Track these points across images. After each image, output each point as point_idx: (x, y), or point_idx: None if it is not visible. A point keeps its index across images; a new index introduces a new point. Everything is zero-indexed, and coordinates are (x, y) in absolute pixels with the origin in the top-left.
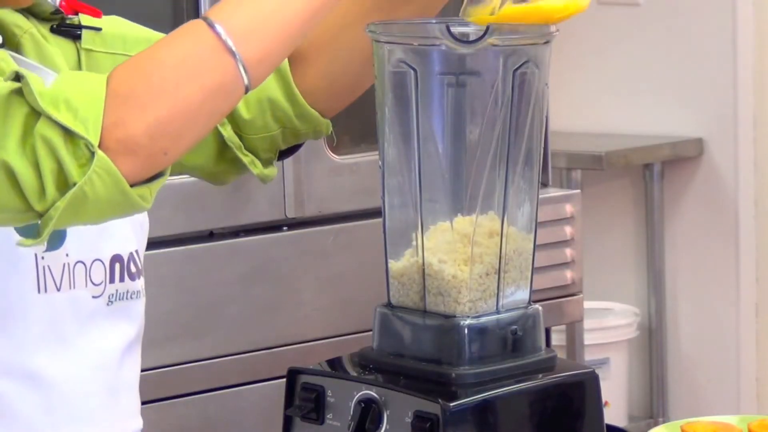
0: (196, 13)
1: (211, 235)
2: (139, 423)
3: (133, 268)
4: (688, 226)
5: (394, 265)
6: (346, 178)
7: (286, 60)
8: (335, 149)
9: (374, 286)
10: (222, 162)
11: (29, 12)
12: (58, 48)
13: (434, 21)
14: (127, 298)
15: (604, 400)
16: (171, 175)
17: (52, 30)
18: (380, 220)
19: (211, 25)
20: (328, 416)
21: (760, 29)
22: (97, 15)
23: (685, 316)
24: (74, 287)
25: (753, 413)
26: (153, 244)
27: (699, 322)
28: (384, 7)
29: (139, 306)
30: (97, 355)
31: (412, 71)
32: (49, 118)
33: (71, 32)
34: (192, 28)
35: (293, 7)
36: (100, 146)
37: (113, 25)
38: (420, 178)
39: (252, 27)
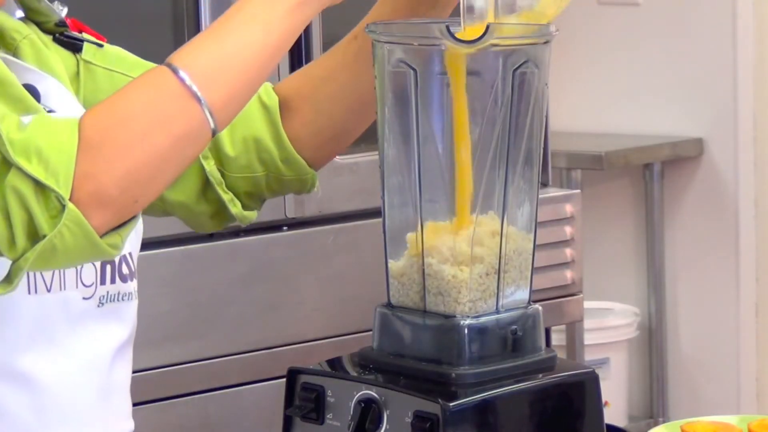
0: (196, 13)
1: (211, 235)
2: (130, 425)
3: (125, 270)
4: (688, 226)
5: (394, 265)
6: (346, 178)
7: (276, 102)
8: None
9: (374, 286)
10: (203, 201)
11: (33, 21)
12: (59, 56)
13: (434, 21)
14: (118, 300)
15: (604, 400)
16: (157, 216)
17: (55, 39)
18: (380, 220)
19: (175, 71)
20: (328, 416)
21: (760, 29)
22: (101, 39)
23: (685, 316)
24: (64, 288)
25: (753, 413)
26: (153, 244)
27: (699, 322)
28: (366, 59)
29: (131, 308)
30: (88, 356)
31: (412, 71)
32: (20, 170)
33: (73, 44)
34: (157, 74)
35: (252, 48)
36: (71, 198)
37: (115, 48)
38: (420, 178)
39: (215, 71)
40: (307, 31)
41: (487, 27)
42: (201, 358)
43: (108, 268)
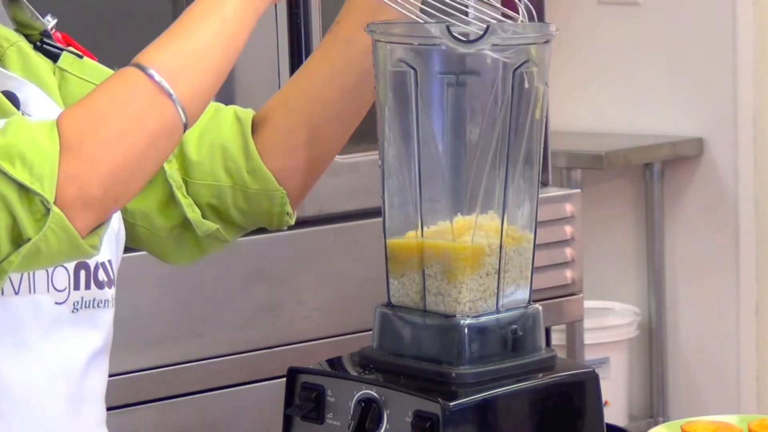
0: None
1: None
2: None
3: (101, 277)
4: (688, 226)
5: (394, 265)
6: (346, 178)
7: (250, 117)
8: None
9: (374, 286)
10: (166, 214)
11: (22, 33)
12: (46, 64)
13: (434, 21)
14: (93, 307)
15: (604, 400)
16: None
17: (35, 47)
18: (380, 219)
19: (143, 69)
20: (328, 416)
21: (760, 29)
22: (87, 54)
23: (685, 316)
24: (35, 292)
25: (753, 413)
26: None
27: (699, 321)
28: (340, 51)
29: (107, 315)
30: (60, 362)
31: (412, 71)
32: (5, 174)
33: (51, 53)
34: (126, 74)
35: (211, 38)
36: (55, 202)
37: (94, 62)
38: (420, 177)
39: (180, 65)
40: (307, 29)
41: (487, 27)
42: (201, 358)
43: (82, 273)
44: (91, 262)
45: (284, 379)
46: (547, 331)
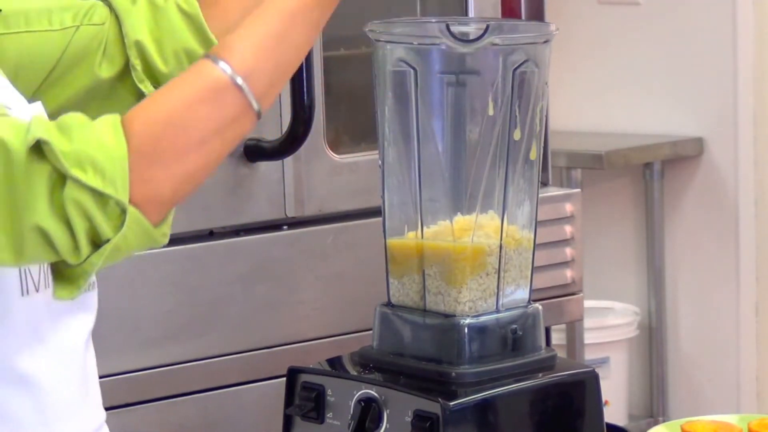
0: None
1: (211, 235)
2: (104, 414)
3: None
4: (688, 226)
5: (394, 265)
6: (346, 178)
7: (197, 8)
8: (335, 149)
9: (374, 286)
10: None
11: None
12: None
13: (434, 20)
14: (87, 290)
15: (604, 399)
16: None
17: None
18: (380, 219)
19: (239, 87)
20: (328, 415)
21: (760, 29)
22: None
23: (685, 316)
24: (48, 286)
25: (753, 413)
26: None
27: (699, 321)
28: None
29: (95, 296)
30: (67, 349)
31: (412, 70)
32: (78, 182)
33: None
34: (214, 81)
35: (305, 53)
36: (129, 201)
37: (11, 1)
38: (420, 177)
39: (272, 81)
40: None
41: (487, 26)
42: (201, 357)
43: None
44: None
45: (284, 378)
46: (547, 331)
